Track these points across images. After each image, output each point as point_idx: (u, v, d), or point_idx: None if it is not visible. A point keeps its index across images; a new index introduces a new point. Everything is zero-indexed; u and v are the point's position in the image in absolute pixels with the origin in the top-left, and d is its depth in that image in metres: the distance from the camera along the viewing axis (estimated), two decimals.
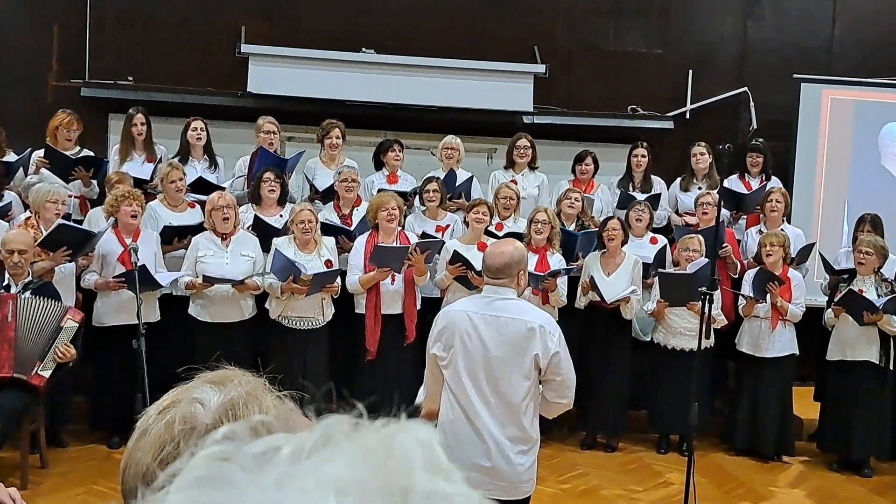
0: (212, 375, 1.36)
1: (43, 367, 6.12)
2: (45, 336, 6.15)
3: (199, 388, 1.32)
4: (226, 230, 7.01)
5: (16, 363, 6.03)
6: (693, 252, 7.40)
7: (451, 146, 8.29)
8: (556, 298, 7.36)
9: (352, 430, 0.71)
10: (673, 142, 9.50)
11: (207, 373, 1.37)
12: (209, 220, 7.05)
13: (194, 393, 1.32)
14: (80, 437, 7.18)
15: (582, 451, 7.66)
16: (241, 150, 8.15)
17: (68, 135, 7.82)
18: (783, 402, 7.58)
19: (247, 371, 1.43)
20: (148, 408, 1.34)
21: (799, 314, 7.48)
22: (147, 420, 1.32)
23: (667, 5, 9.78)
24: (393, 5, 9.39)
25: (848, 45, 9.91)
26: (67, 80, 8.92)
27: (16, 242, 6.23)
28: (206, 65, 9.03)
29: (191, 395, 1.31)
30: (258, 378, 1.39)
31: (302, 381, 7.10)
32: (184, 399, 1.31)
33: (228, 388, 1.33)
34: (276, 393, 1.39)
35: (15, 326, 6.04)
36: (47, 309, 6.19)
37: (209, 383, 1.33)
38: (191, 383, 1.34)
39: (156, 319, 6.94)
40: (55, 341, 6.15)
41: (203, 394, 1.31)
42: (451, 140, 8.33)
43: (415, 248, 7.04)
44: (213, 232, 7.05)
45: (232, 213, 7.01)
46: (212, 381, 1.34)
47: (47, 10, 9.00)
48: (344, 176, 7.64)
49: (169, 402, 1.32)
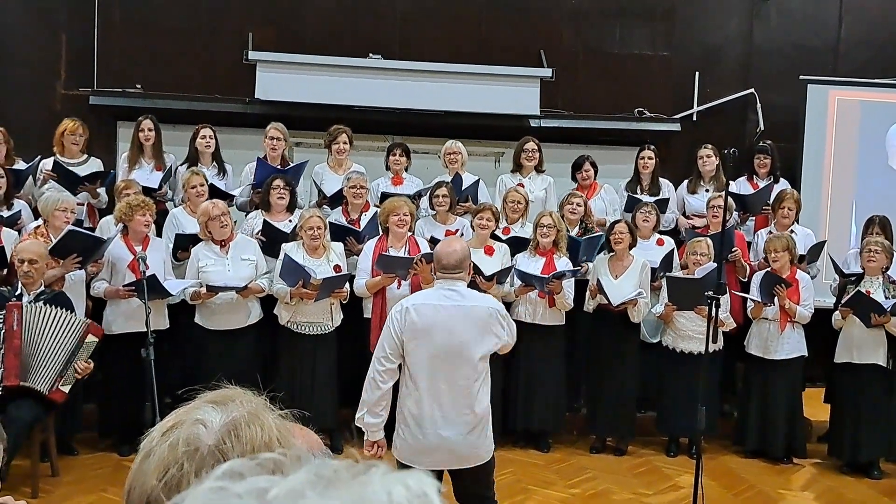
0: (213, 395, 1.37)
1: (64, 383, 6.15)
2: (66, 351, 6.16)
3: (201, 409, 1.34)
4: (224, 237, 7.02)
5: (21, 371, 6.04)
6: (701, 255, 7.40)
7: (453, 150, 8.30)
8: (563, 301, 7.38)
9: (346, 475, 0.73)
10: (680, 144, 9.49)
11: (209, 392, 1.38)
12: (205, 231, 7.04)
13: (197, 414, 1.33)
14: (90, 444, 7.21)
15: (591, 454, 7.66)
16: (250, 157, 8.17)
17: (74, 139, 7.86)
18: (792, 405, 7.58)
19: (248, 388, 1.44)
20: (151, 429, 1.36)
21: (807, 316, 7.48)
22: (151, 442, 1.33)
23: (672, 7, 9.78)
24: (399, 11, 9.41)
25: (854, 45, 9.90)
26: (76, 89, 8.96)
27: (27, 252, 6.25)
28: (214, 72, 9.05)
29: (193, 417, 1.33)
30: (260, 397, 1.40)
31: (310, 385, 7.13)
32: (187, 420, 1.33)
33: (230, 408, 1.34)
34: (277, 412, 1.40)
35: (21, 335, 6.05)
36: (61, 320, 6.19)
37: (211, 403, 1.35)
38: (193, 403, 1.36)
39: (165, 327, 6.97)
40: (76, 357, 6.19)
41: (205, 414, 1.33)
42: (451, 144, 8.34)
43: (420, 258, 7.06)
44: (210, 241, 7.07)
45: (228, 219, 7.04)
46: (214, 400, 1.36)
47: (55, 18, 9.04)
48: (353, 182, 7.66)
49: (172, 423, 1.34)
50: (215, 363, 6.79)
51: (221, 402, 1.35)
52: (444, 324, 4.58)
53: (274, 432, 1.34)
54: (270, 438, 1.32)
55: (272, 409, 1.39)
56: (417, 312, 4.59)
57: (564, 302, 7.40)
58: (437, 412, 4.60)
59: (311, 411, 7.02)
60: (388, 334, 4.61)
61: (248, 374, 6.92)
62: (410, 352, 4.59)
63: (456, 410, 4.60)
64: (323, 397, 7.17)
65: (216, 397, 1.36)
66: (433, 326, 4.57)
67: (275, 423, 1.36)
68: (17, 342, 6.00)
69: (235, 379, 1.57)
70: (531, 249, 7.52)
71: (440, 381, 4.59)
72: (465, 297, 4.69)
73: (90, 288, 6.99)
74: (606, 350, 7.59)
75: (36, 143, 8.10)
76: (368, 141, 8.89)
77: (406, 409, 4.65)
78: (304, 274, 6.82)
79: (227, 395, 1.38)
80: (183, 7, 9.15)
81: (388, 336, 4.61)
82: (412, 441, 4.65)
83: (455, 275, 4.66)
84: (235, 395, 1.38)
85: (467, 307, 4.65)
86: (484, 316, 4.66)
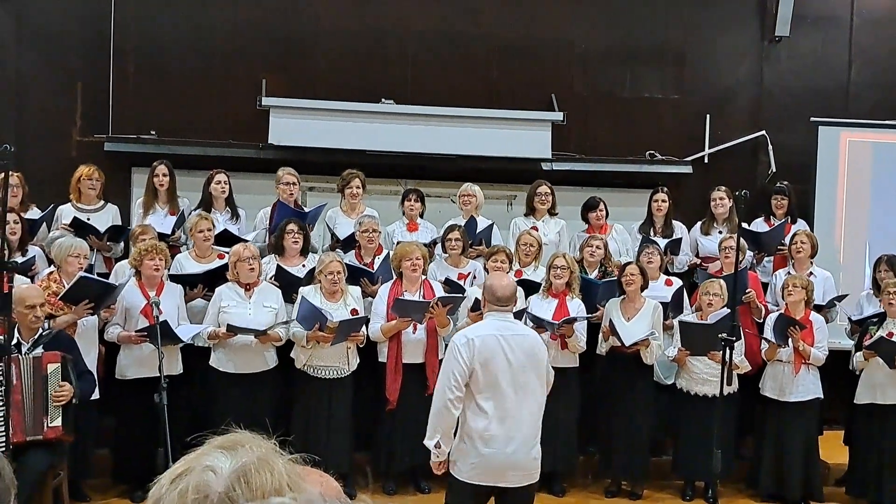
0: (222, 440, 1.37)
1: (51, 420, 6.03)
2: (38, 389, 5.97)
3: (210, 455, 1.33)
4: (250, 280, 7.05)
5: (27, 427, 5.91)
6: (714, 297, 7.36)
7: (468, 193, 8.35)
8: (575, 344, 7.36)
9: None
10: (692, 186, 9.51)
11: (217, 437, 1.38)
12: (233, 271, 7.08)
13: (206, 460, 1.33)
14: (103, 490, 7.18)
15: (606, 498, 7.58)
16: (263, 201, 8.22)
17: (91, 185, 7.92)
18: (808, 447, 7.50)
19: (262, 432, 1.44)
20: (160, 476, 1.35)
21: (822, 358, 7.43)
22: (160, 489, 1.33)
23: (682, 51, 9.85)
24: (411, 56, 9.50)
25: (864, 86, 9.93)
26: (91, 136, 9.06)
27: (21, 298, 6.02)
28: (227, 117, 9.14)
29: (203, 463, 1.32)
30: (269, 441, 1.40)
31: (326, 429, 7.10)
32: (196, 467, 1.32)
33: (240, 454, 1.34)
34: (287, 456, 1.40)
35: (21, 389, 5.91)
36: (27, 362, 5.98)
37: (220, 449, 1.35)
38: (201, 449, 1.35)
39: (178, 372, 6.97)
40: (47, 391, 5.98)
41: (214, 461, 1.32)
42: (467, 188, 8.39)
43: (436, 302, 7.06)
44: (236, 283, 7.10)
45: (257, 263, 7.06)
46: (222, 446, 1.35)
47: (71, 67, 9.15)
48: (365, 226, 7.69)
49: (182, 469, 1.33)
50: (230, 407, 6.79)
51: (230, 447, 1.35)
52: (507, 351, 4.96)
53: (284, 478, 1.33)
54: (280, 485, 1.32)
55: (282, 454, 1.38)
56: (483, 343, 4.95)
57: (577, 345, 7.38)
58: (505, 432, 4.94)
59: (326, 455, 7.01)
60: (457, 364, 4.92)
61: (262, 418, 6.93)
62: (479, 378, 4.93)
63: (522, 429, 4.98)
64: (338, 441, 7.14)
65: (225, 442, 1.36)
66: (498, 354, 4.94)
67: (285, 469, 1.35)
68: (17, 397, 5.90)
69: (250, 423, 1.57)
70: (544, 291, 7.52)
71: (507, 402, 4.95)
72: (519, 327, 5.26)
73: (104, 333, 7.00)
74: (620, 392, 7.54)
75: (52, 189, 8.17)
76: (381, 185, 8.94)
77: (473, 430, 4.97)
78: (321, 317, 6.82)
79: (236, 440, 1.37)
80: (196, 54, 9.27)
81: (457, 365, 4.92)
82: (478, 460, 4.95)
83: (506, 308, 5.06)
84: (244, 439, 1.37)
85: (523, 336, 5.11)
86: (536, 344, 5.14)
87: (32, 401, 5.95)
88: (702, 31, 9.94)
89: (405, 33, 9.52)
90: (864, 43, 9.98)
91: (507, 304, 5.07)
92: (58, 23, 9.12)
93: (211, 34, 9.32)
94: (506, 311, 5.06)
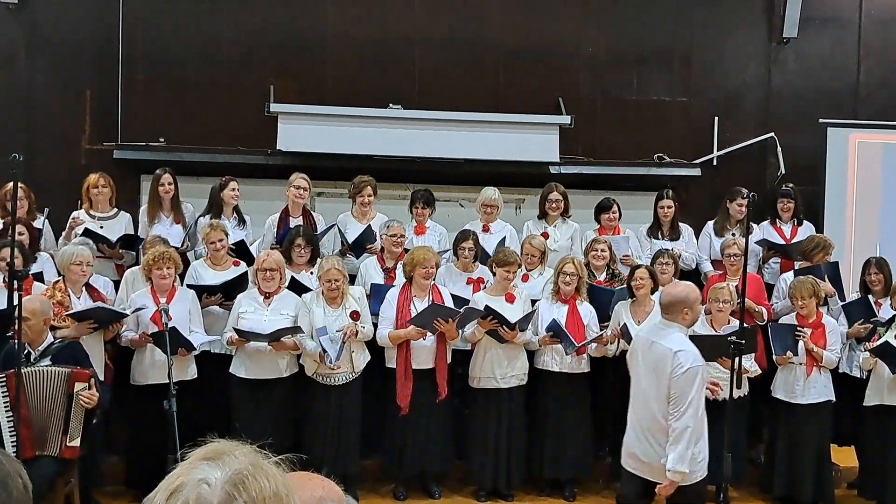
0: (205, 451, 1.36)
1: (70, 439, 6.03)
2: (60, 408, 5.98)
3: (198, 468, 1.32)
4: (269, 290, 7.10)
5: (36, 442, 5.92)
6: (724, 303, 7.32)
7: (492, 203, 8.30)
8: (603, 350, 7.48)
9: None
10: (701, 189, 9.50)
11: (199, 448, 1.37)
12: (254, 277, 7.16)
13: (197, 474, 1.31)
14: (114, 497, 7.18)
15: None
16: (271, 208, 8.23)
17: (99, 192, 7.94)
18: (820, 449, 7.45)
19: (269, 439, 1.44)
20: (155, 493, 1.34)
21: (834, 360, 7.39)
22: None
23: (689, 53, 9.83)
24: (418, 61, 9.51)
25: (873, 88, 9.90)
26: (100, 143, 9.09)
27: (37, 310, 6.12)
28: (236, 124, 9.16)
29: (195, 477, 1.31)
30: (253, 446, 1.40)
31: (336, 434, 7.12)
32: (189, 482, 1.31)
33: (229, 462, 1.33)
34: (275, 459, 1.40)
35: (26, 403, 5.88)
36: (54, 378, 6.00)
37: (205, 460, 1.34)
38: (188, 461, 1.34)
39: (192, 377, 7.00)
40: (72, 410, 5.98)
41: (205, 473, 1.32)
42: (492, 197, 8.33)
43: (456, 317, 7.12)
44: (257, 290, 7.13)
45: (278, 275, 7.10)
46: (207, 456, 1.34)
47: (80, 75, 9.19)
48: (393, 231, 7.69)
49: (176, 485, 1.32)
50: (243, 413, 6.84)
51: (216, 457, 1.34)
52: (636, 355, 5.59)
53: (279, 479, 1.33)
54: (278, 488, 1.32)
55: (269, 457, 1.38)
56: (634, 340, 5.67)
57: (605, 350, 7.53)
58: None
59: (334, 459, 7.03)
60: (700, 388, 5.25)
61: (278, 423, 6.94)
62: None
63: None
64: (346, 445, 7.14)
65: (209, 453, 1.35)
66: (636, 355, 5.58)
67: (277, 472, 1.36)
68: (24, 412, 5.86)
69: (262, 429, 1.57)
70: (553, 295, 7.51)
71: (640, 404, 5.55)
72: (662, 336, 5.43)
73: (118, 338, 7.02)
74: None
75: (61, 197, 8.21)
76: (389, 189, 8.93)
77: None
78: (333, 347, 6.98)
79: (219, 449, 1.37)
80: (204, 62, 9.30)
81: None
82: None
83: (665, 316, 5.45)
84: (229, 447, 1.37)
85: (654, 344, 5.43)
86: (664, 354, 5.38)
87: (47, 416, 5.94)
88: (709, 34, 9.92)
89: (412, 38, 9.53)
90: (872, 44, 9.95)
91: (664, 313, 5.41)
92: (67, 31, 9.17)
93: (219, 42, 9.35)
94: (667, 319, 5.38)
